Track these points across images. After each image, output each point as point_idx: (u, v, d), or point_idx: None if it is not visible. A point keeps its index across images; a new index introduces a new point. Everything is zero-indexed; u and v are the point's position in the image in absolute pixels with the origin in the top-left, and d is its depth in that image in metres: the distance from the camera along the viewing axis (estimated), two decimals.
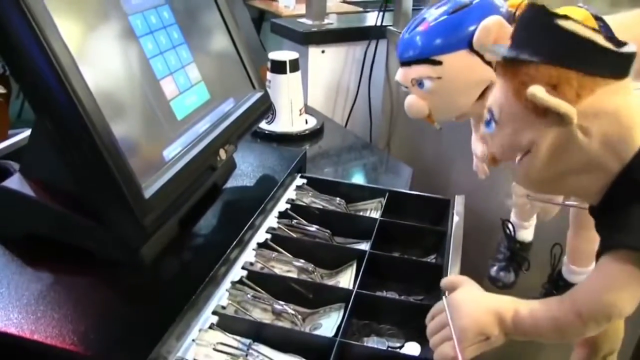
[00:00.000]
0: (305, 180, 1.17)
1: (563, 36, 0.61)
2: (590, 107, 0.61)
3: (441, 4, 0.96)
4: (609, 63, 0.61)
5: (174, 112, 0.86)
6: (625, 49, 0.61)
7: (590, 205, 0.70)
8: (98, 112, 0.70)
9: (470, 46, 0.89)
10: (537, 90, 0.60)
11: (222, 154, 0.93)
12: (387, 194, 1.14)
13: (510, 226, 1.25)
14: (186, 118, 0.88)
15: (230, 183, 1.09)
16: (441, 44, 0.90)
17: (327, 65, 2.12)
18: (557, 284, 1.21)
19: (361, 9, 3.89)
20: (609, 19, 0.85)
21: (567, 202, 1.02)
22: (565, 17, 0.61)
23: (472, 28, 0.89)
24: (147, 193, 0.73)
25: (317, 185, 1.17)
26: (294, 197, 1.11)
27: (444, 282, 0.80)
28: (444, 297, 0.75)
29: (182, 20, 0.95)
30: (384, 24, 2.12)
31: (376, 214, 1.11)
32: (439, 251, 1.04)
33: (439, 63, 0.90)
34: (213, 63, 1.02)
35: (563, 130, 0.62)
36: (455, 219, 1.07)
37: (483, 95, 0.94)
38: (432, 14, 0.93)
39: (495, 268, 1.29)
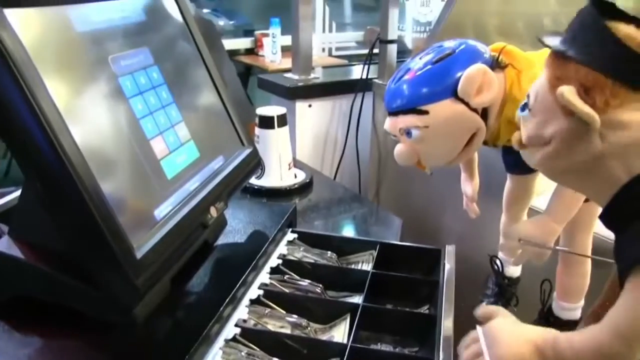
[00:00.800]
0: (296, 235, 1.17)
1: (610, 42, 0.63)
2: (615, 117, 0.63)
3: (425, 53, 0.97)
4: None
5: (164, 171, 0.86)
6: None
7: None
8: (88, 173, 0.70)
9: (455, 95, 0.91)
10: (567, 91, 0.63)
11: (213, 211, 0.94)
12: (378, 246, 1.14)
13: (498, 262, 1.25)
14: (176, 177, 0.89)
15: (222, 240, 1.09)
16: (427, 93, 0.92)
17: (314, 118, 2.15)
18: (548, 320, 1.21)
19: (346, 62, 3.96)
20: None
21: (558, 247, 1.03)
22: (625, 17, 0.63)
23: (457, 76, 0.91)
24: (139, 253, 0.73)
25: (308, 239, 1.17)
26: (285, 252, 1.11)
27: (480, 311, 0.78)
28: (478, 327, 0.74)
29: (171, 80, 0.96)
30: (369, 76, 2.15)
31: (368, 267, 1.11)
32: (432, 301, 1.03)
33: (426, 113, 0.91)
34: (202, 121, 1.03)
35: (582, 132, 0.64)
36: (447, 268, 1.07)
37: (471, 141, 0.95)
38: (417, 63, 0.95)
39: (484, 304, 1.28)
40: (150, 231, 0.78)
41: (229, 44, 4.52)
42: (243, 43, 4.55)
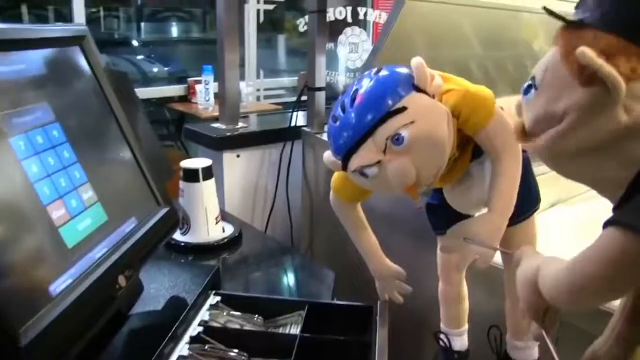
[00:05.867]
0: (219, 298, 1.09)
1: (636, 5, 0.58)
2: None
3: (359, 79, 0.92)
4: None
5: (63, 240, 0.78)
6: None
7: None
8: None
9: (414, 88, 0.87)
10: (588, 50, 0.56)
11: (122, 281, 0.86)
12: (306, 306, 1.08)
13: (443, 337, 1.19)
14: (79, 245, 0.81)
15: (137, 308, 1.00)
16: (395, 92, 0.87)
17: (243, 169, 2.08)
18: None
19: (280, 107, 3.93)
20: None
21: (502, 248, 0.97)
22: None
23: (407, 72, 0.89)
24: (25, 339, 0.64)
25: (233, 302, 1.10)
26: (207, 318, 1.03)
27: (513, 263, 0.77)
28: None
29: (76, 138, 0.88)
30: (298, 124, 2.11)
31: (297, 329, 1.05)
32: None
33: (404, 109, 0.85)
34: (111, 181, 0.95)
35: (603, 104, 0.57)
36: (379, 327, 1.01)
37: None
38: (362, 86, 0.90)
39: None
40: (43, 310, 0.69)
41: (162, 91, 4.48)
42: (176, 90, 4.50)
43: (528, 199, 1.01)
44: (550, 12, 0.65)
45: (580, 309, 0.64)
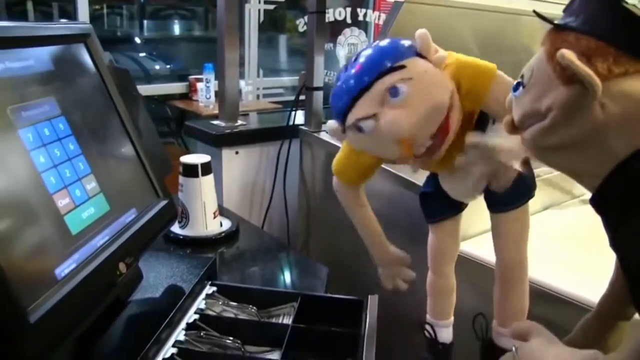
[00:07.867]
0: (215, 288, 1.13)
1: (616, 10, 0.62)
2: (618, 86, 0.61)
3: (363, 49, 0.95)
4: None
5: (68, 227, 0.82)
6: None
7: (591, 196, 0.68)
8: None
9: (416, 54, 0.90)
10: (567, 52, 0.60)
11: (122, 267, 0.90)
12: (299, 298, 1.12)
13: (429, 328, 1.21)
14: (82, 232, 0.85)
15: (137, 295, 1.04)
16: (397, 53, 0.90)
17: (241, 166, 2.12)
18: (493, 354, 1.16)
19: (280, 106, 3.96)
20: None
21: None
22: None
23: (408, 43, 0.92)
24: (34, 317, 0.68)
25: (228, 292, 1.13)
26: (203, 306, 1.07)
27: (513, 329, 0.75)
28: (514, 348, 0.71)
29: (80, 131, 0.92)
30: (296, 123, 2.15)
31: (289, 319, 1.09)
32: (354, 354, 1.01)
33: (404, 67, 0.88)
34: (113, 173, 0.99)
35: (582, 101, 0.61)
36: (368, 320, 1.05)
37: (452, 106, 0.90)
38: (366, 51, 0.93)
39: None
40: (49, 292, 0.74)
41: (164, 88, 4.51)
42: (177, 88, 4.54)
43: (522, 187, 1.02)
44: (539, 15, 0.70)
45: None
